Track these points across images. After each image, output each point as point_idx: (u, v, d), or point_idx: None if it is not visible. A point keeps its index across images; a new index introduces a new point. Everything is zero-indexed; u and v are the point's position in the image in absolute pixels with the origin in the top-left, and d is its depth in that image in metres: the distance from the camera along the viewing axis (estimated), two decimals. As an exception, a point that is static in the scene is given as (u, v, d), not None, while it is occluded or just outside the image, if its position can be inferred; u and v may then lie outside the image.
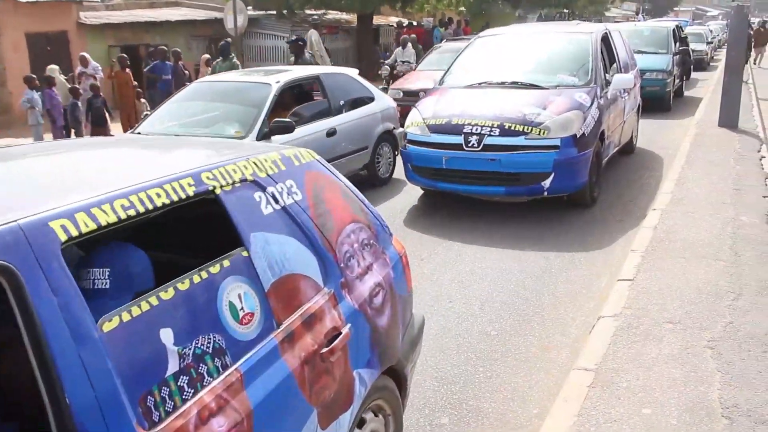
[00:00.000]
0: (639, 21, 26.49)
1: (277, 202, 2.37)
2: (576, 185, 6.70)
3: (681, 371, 3.55)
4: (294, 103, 7.92)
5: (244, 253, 2.13)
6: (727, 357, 3.65)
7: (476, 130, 6.59)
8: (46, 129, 11.50)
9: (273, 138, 6.67)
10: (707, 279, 4.72)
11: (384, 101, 8.96)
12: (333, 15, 24.55)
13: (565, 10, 38.14)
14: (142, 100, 12.81)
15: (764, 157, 8.85)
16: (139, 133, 7.12)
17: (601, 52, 8.00)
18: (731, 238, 5.58)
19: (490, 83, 7.58)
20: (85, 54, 12.84)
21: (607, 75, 7.83)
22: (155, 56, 13.40)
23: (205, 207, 2.18)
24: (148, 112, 7.46)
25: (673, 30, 16.20)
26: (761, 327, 3.97)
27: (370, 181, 8.50)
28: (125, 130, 12.44)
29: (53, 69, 12.14)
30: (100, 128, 11.73)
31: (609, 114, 7.55)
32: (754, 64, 25.57)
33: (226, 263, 2.05)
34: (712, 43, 29.85)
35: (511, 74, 7.68)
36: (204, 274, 1.97)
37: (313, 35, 18.21)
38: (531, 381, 3.87)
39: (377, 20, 25.15)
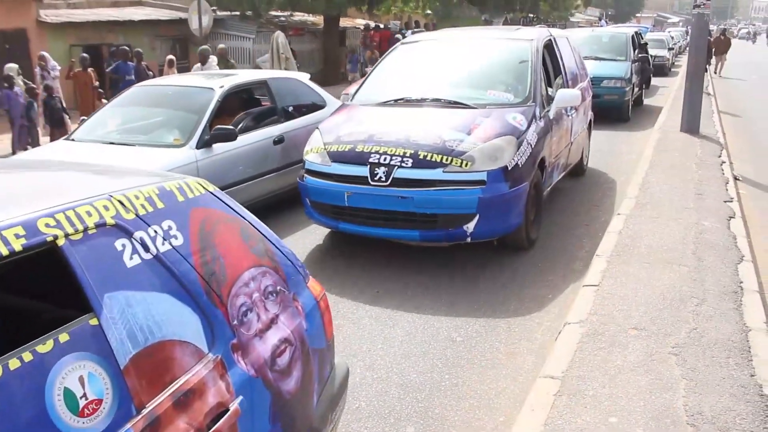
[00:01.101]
0: (600, 26, 26.72)
1: (147, 250, 1.93)
2: (507, 227, 5.56)
3: (646, 379, 3.55)
4: (240, 109, 7.54)
5: (93, 321, 1.69)
6: (691, 363, 3.66)
7: (385, 159, 5.42)
8: (3, 130, 11.19)
9: (214, 146, 6.38)
10: (671, 284, 4.74)
11: (336, 107, 8.26)
12: (299, 17, 24.43)
13: (530, 15, 38.52)
14: (104, 100, 12.54)
15: (725, 162, 9.00)
16: (73, 140, 6.81)
17: (544, 63, 6.97)
18: (694, 243, 5.63)
19: (408, 100, 6.37)
20: (44, 53, 12.53)
21: (549, 90, 6.79)
22: (117, 56, 13.15)
23: (52, 258, 1.73)
24: (85, 117, 7.03)
25: (632, 36, 15.67)
26: (724, 332, 4.00)
27: None
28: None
29: (11, 68, 11.79)
30: (58, 129, 11.46)
31: (551, 137, 6.38)
32: (715, 73, 25.37)
33: (63, 337, 1.61)
34: (673, 49, 30.17)
35: (433, 89, 6.49)
36: (27, 356, 1.52)
37: (279, 37, 18.07)
38: (497, 388, 3.85)
39: (344, 22, 25.09)
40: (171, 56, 14.79)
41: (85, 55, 13.24)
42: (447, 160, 5.34)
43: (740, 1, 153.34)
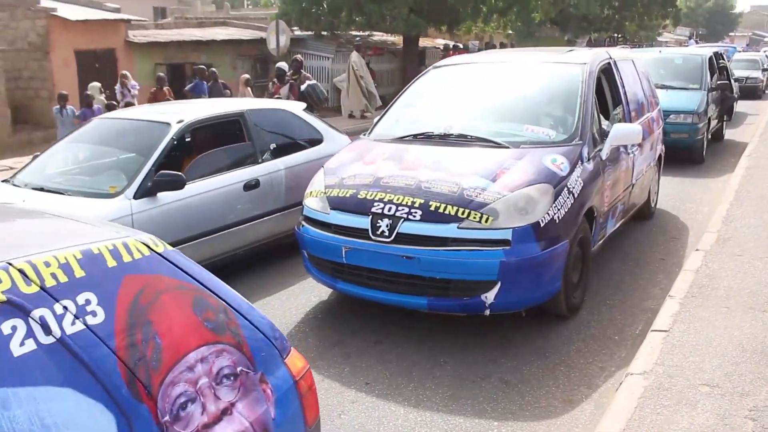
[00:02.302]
0: (690, 45, 25.43)
1: (49, 332, 1.59)
2: (538, 297, 4.62)
3: (717, 444, 3.16)
4: (208, 148, 6.24)
5: None
6: (771, 429, 3.24)
7: (389, 210, 4.55)
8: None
9: (160, 195, 5.38)
10: (752, 334, 4.28)
11: (338, 142, 6.96)
12: (379, 36, 24.53)
13: (615, 35, 37.54)
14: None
15: (822, 195, 8.29)
16: (10, 182, 5.87)
17: (600, 91, 6.13)
18: (781, 286, 5.12)
19: (429, 136, 5.49)
20: (125, 72, 12.92)
21: (605, 124, 5.87)
22: (196, 75, 13.45)
23: None
24: (38, 154, 6.39)
25: (710, 59, 12.67)
26: (812, 394, 3.54)
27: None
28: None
29: (94, 87, 12.26)
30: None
31: (604, 181, 5.36)
32: None
33: None
34: (767, 70, 28.00)
35: (460, 123, 5.57)
36: None
37: (353, 56, 18.19)
38: (549, 443, 3.53)
39: (423, 42, 25.03)
40: (246, 75, 15.04)
41: (161, 74, 13.59)
42: (463, 213, 4.42)
43: None
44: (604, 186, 5.39)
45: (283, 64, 13.30)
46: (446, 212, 4.46)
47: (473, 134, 5.35)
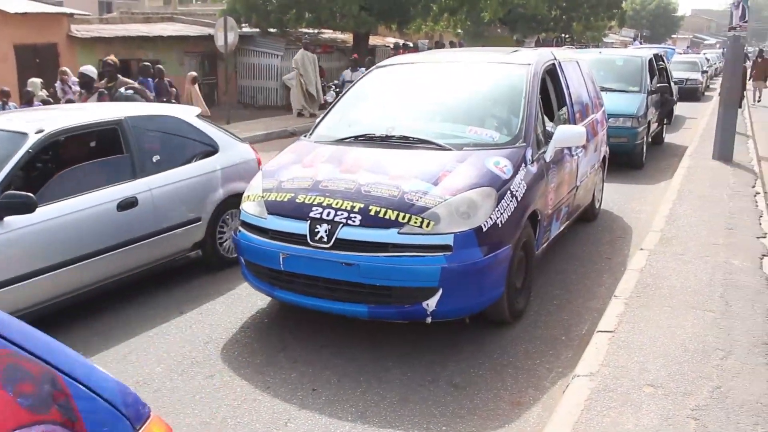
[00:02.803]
0: (636, 47, 25.76)
1: None
2: (481, 303, 4.49)
3: (661, 445, 3.19)
4: (77, 162, 5.43)
5: None
6: (713, 430, 3.29)
7: (328, 215, 4.38)
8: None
9: (5, 220, 4.57)
10: (694, 333, 4.36)
11: (236, 153, 6.47)
12: (329, 34, 24.38)
13: (563, 35, 38.14)
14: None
15: (759, 193, 8.54)
16: None
17: (545, 92, 6.09)
18: (722, 285, 5.23)
19: (371, 138, 5.31)
20: (65, 68, 12.54)
21: (549, 126, 5.72)
22: (140, 73, 13.12)
23: None
24: None
25: (650, 60, 12.43)
26: (752, 393, 3.61)
27: (210, 265, 6.26)
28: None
29: (34, 83, 11.86)
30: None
31: (548, 184, 5.29)
32: (754, 101, 21.67)
33: None
34: (707, 72, 28.46)
35: (402, 124, 5.45)
36: None
37: (297, 54, 18.09)
38: (497, 446, 3.52)
39: (373, 40, 24.98)
40: (193, 73, 14.78)
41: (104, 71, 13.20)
42: (404, 218, 4.27)
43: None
44: (548, 189, 5.31)
45: (88, 69, 10.82)
46: (386, 217, 4.30)
47: (415, 136, 5.19)
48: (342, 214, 4.38)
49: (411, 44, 25.25)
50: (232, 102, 19.56)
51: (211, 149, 6.30)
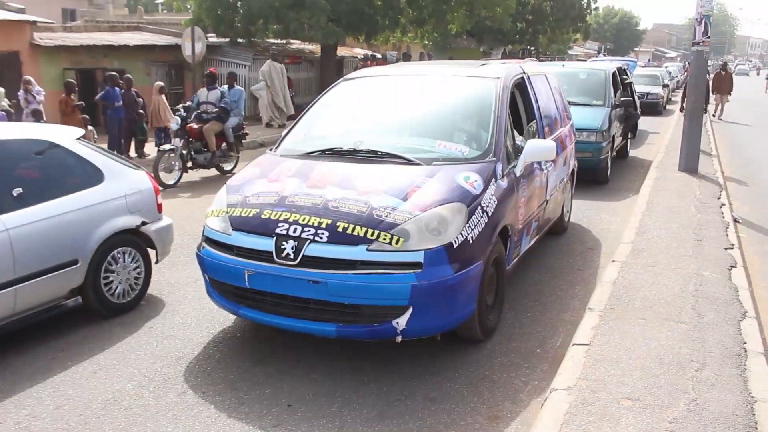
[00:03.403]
0: (602, 59, 25.86)
1: None
2: (452, 321, 4.38)
3: (640, 458, 3.19)
4: None
5: None
6: (690, 442, 3.30)
7: (295, 231, 4.26)
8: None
9: None
10: (669, 345, 4.38)
11: (126, 182, 5.62)
12: (297, 45, 24.33)
13: (529, 47, 38.63)
14: (89, 127, 12.28)
15: (724, 205, 8.70)
16: None
17: (514, 106, 6.04)
18: (693, 296, 5.29)
19: (338, 152, 5.19)
20: (29, 77, 12.28)
21: (519, 140, 5.66)
22: (107, 82, 12.91)
23: None
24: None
25: (614, 74, 12.32)
26: (728, 404, 3.64)
27: (97, 313, 5.39)
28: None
29: (-2, 92, 11.60)
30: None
31: (518, 198, 5.25)
32: (714, 116, 22.28)
33: None
34: (668, 85, 28.02)
35: (370, 139, 5.32)
36: None
37: (264, 65, 18.02)
38: (476, 462, 3.48)
39: (341, 51, 25.01)
40: (160, 83, 14.58)
41: (71, 80, 13.01)
42: (372, 234, 4.16)
43: (737, 38, 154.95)
44: (518, 203, 5.27)
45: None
46: (354, 233, 4.19)
47: (384, 150, 5.06)
48: (309, 230, 4.26)
49: (379, 55, 25.31)
50: (199, 112, 19.36)
51: (94, 179, 5.41)
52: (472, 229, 4.39)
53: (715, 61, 46.91)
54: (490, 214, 4.61)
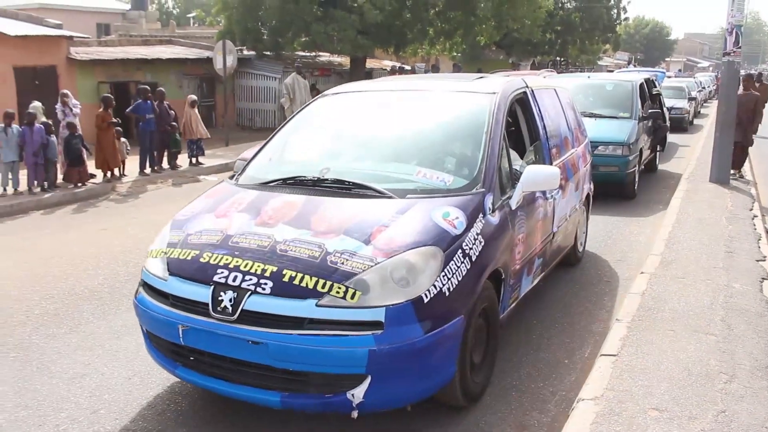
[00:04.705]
0: (630, 71, 25.42)
1: None
2: (423, 390, 3.70)
3: (667, 469, 3.20)
4: None
5: None
6: (718, 453, 3.30)
7: (235, 279, 3.60)
8: (22, 166, 11.16)
9: None
10: (698, 357, 4.37)
11: None
12: (326, 57, 24.57)
13: (558, 58, 38.50)
14: (122, 140, 12.55)
15: (756, 216, 8.61)
16: None
17: (513, 126, 5.57)
18: (723, 308, 5.26)
19: (302, 181, 4.47)
20: (65, 91, 12.58)
21: (518, 165, 4.92)
22: (139, 95, 13.19)
23: None
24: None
25: (641, 85, 11.89)
26: (757, 417, 3.62)
27: None
28: (103, 170, 12.16)
29: (36, 107, 11.89)
30: (76, 167, 11.45)
31: (514, 235, 4.51)
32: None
33: None
34: (695, 98, 25.76)
35: (340, 165, 4.73)
36: None
37: (288, 77, 18.20)
38: (503, 471, 3.51)
39: (370, 63, 25.19)
40: (192, 96, 14.84)
41: (108, 95, 13.32)
42: (324, 286, 3.46)
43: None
44: (514, 241, 4.53)
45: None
46: (303, 285, 3.49)
47: (352, 179, 4.35)
48: (250, 279, 3.59)
49: (408, 67, 25.43)
50: (230, 124, 19.67)
51: None
52: (450, 278, 3.65)
53: (748, 70, 46.12)
54: (474, 258, 3.87)
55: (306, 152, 5.21)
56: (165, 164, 13.49)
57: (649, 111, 11.95)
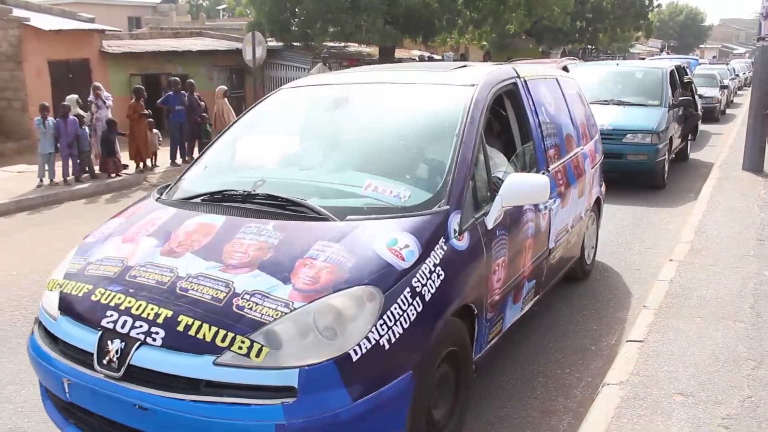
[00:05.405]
0: (662, 58, 25.01)
1: None
2: None
3: (691, 453, 3.21)
4: None
5: None
6: (743, 438, 3.30)
7: (124, 325, 2.87)
8: (58, 158, 11.42)
9: None
10: (725, 343, 4.36)
11: None
12: (355, 47, 24.62)
13: (589, 46, 38.07)
14: (154, 131, 12.76)
15: (790, 205, 8.48)
16: None
17: (496, 125, 4.75)
18: (753, 296, 5.22)
19: (230, 197, 3.65)
20: (97, 83, 12.83)
21: (498, 173, 4.00)
22: (170, 87, 13.39)
23: None
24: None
25: (672, 72, 11.65)
26: (783, 402, 3.61)
27: None
28: (135, 161, 12.39)
29: (72, 99, 12.19)
30: (109, 157, 11.71)
31: (492, 260, 3.65)
32: None
33: None
34: (727, 87, 24.48)
35: (278, 175, 4.08)
36: None
37: (313, 68, 18.29)
38: (527, 454, 3.55)
39: (399, 53, 25.17)
40: (223, 87, 15.00)
41: (140, 86, 13.53)
42: (224, 339, 2.70)
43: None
44: (492, 268, 3.67)
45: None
46: (200, 336, 2.73)
47: (288, 194, 3.51)
48: (141, 325, 2.84)
49: (437, 57, 25.37)
50: (259, 115, 19.81)
51: None
52: (391, 326, 2.83)
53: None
54: (428, 297, 3.03)
55: (247, 158, 4.45)
56: (196, 154, 13.68)
57: (680, 99, 11.67)
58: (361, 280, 2.89)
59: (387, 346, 2.80)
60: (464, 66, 4.85)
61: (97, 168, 11.81)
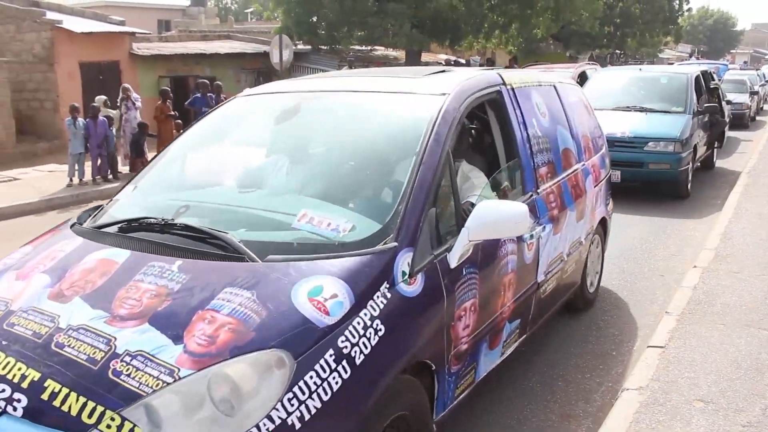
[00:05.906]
0: (690, 63, 24.61)
1: None
2: None
3: (711, 459, 3.20)
4: None
5: None
6: (764, 446, 3.28)
7: None
8: (87, 158, 11.64)
9: None
10: (748, 351, 4.32)
11: None
12: (381, 51, 24.72)
13: (617, 51, 37.80)
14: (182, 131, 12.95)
15: (820, 213, 8.36)
16: None
17: (467, 141, 4.24)
18: (778, 303, 5.17)
19: (147, 226, 3.07)
20: (126, 85, 13.06)
21: (470, 199, 3.42)
22: (199, 89, 13.57)
23: None
24: None
25: (697, 78, 11.26)
26: (805, 411, 3.58)
27: None
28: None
29: (100, 99, 12.42)
30: (138, 158, 11.92)
31: (455, 305, 3.04)
32: None
33: None
34: (757, 93, 23.35)
35: (205, 199, 3.50)
36: None
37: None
38: (545, 457, 3.56)
39: (426, 57, 25.22)
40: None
41: (166, 88, 13.75)
42: (92, 413, 2.20)
43: None
44: (455, 314, 3.06)
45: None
46: (64, 408, 2.24)
47: (210, 224, 3.02)
48: (3, 389, 2.35)
49: (463, 61, 25.37)
50: (285, 117, 19.97)
51: None
52: (304, 401, 2.28)
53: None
54: (360, 360, 2.46)
55: (182, 177, 3.88)
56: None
57: (705, 105, 11.28)
58: (266, 342, 2.33)
59: (298, 426, 2.24)
60: (441, 72, 4.29)
61: (127, 168, 12.02)
